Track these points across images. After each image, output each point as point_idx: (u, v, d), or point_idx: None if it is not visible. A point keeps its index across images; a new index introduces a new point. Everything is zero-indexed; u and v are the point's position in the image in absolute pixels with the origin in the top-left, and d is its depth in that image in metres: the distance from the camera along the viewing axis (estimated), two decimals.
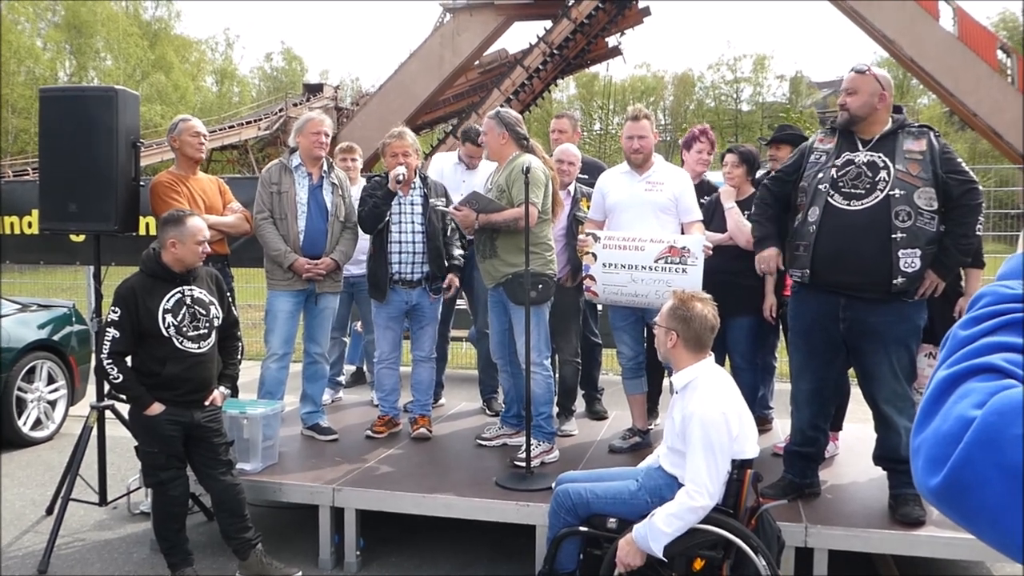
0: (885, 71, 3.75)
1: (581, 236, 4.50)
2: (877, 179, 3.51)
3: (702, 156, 5.08)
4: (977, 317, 0.86)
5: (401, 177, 4.62)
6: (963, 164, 3.57)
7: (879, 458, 3.82)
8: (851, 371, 3.94)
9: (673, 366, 3.31)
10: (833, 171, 3.62)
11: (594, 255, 4.34)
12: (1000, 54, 22.96)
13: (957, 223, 3.53)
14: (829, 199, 3.60)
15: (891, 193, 3.47)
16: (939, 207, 3.49)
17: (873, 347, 3.63)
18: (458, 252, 5.02)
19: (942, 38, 22.03)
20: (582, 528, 3.24)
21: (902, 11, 21.87)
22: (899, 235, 3.46)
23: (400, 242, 4.72)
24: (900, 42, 22.25)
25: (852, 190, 3.55)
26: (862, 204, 3.52)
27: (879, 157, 3.55)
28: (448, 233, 4.93)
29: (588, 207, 4.99)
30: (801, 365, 3.87)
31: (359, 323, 6.61)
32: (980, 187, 3.56)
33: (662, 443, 3.40)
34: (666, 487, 3.16)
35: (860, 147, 3.62)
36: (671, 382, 3.30)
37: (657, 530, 2.95)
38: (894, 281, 3.48)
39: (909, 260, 3.46)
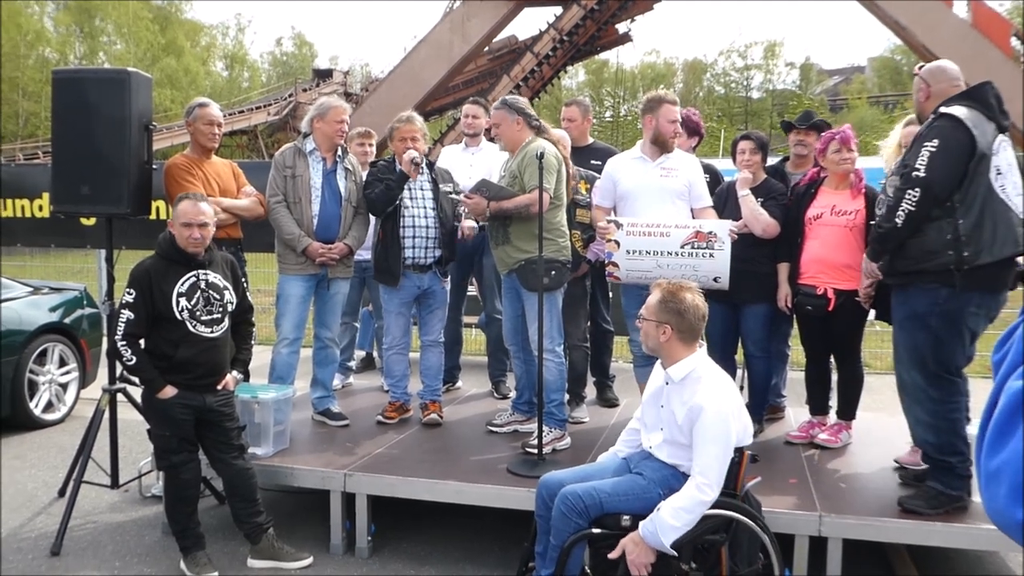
0: (942, 63, 3.86)
1: (602, 224, 4.42)
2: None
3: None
4: None
5: (417, 160, 4.60)
6: (925, 148, 3.39)
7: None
8: (864, 357, 3.96)
9: (664, 358, 3.22)
10: None
11: (617, 242, 4.27)
12: (1015, 41, 22.74)
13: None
14: None
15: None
16: None
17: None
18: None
19: (955, 25, 21.77)
20: (594, 530, 3.12)
21: None
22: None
23: (414, 227, 4.71)
24: (913, 28, 22.02)
25: None
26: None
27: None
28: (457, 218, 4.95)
29: (587, 189, 4.95)
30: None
31: (371, 305, 6.62)
32: (917, 175, 3.36)
33: (646, 433, 3.33)
34: (671, 477, 3.13)
35: None
36: (666, 373, 3.21)
37: (666, 525, 2.91)
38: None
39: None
